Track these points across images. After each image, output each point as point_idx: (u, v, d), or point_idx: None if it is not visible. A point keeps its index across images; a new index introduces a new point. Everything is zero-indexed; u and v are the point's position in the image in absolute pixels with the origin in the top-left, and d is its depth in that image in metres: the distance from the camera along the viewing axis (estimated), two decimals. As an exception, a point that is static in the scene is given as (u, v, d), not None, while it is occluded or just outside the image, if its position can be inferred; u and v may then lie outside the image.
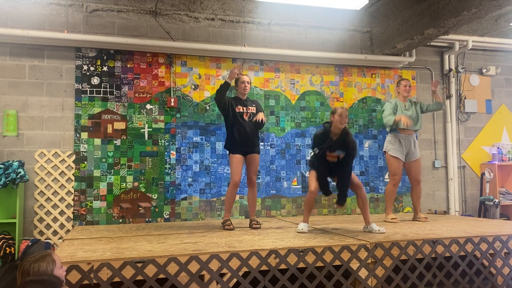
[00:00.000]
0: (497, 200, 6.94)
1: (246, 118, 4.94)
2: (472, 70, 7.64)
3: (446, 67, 7.43)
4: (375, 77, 7.10)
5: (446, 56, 7.42)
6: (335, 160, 4.50)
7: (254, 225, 4.91)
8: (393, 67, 7.15)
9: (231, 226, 4.84)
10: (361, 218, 5.80)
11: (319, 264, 3.59)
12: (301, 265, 3.55)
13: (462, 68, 7.52)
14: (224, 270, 3.35)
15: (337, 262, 3.64)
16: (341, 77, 6.93)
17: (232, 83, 5.00)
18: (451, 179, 7.25)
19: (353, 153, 4.50)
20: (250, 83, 5.09)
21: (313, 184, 4.61)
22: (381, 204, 6.88)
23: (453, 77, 7.42)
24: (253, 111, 5.00)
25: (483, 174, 7.25)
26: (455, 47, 7.25)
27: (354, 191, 4.68)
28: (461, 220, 5.64)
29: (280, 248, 3.54)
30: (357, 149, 4.69)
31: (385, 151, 5.64)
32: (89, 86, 5.87)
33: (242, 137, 4.91)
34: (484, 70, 7.62)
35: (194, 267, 3.28)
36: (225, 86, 4.86)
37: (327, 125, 4.50)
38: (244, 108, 4.97)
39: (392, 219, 5.46)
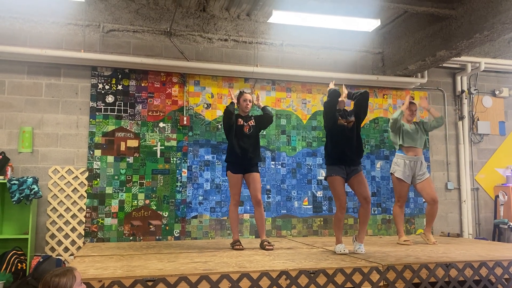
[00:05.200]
0: (511, 224, 6.81)
1: (246, 131, 4.95)
2: (485, 91, 7.61)
3: (459, 89, 7.41)
4: (386, 98, 7.11)
5: (459, 78, 7.42)
6: (351, 125, 4.60)
7: (266, 247, 4.77)
8: (405, 88, 7.16)
9: (241, 247, 4.80)
10: (374, 240, 5.73)
11: (331, 286, 3.55)
12: (312, 287, 3.51)
13: (475, 89, 7.50)
14: (235, 291, 3.32)
15: (349, 285, 3.59)
16: (352, 97, 6.94)
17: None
18: (464, 201, 7.16)
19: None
20: (252, 101, 5.11)
21: (340, 198, 4.56)
22: (392, 225, 6.80)
23: (466, 98, 7.40)
24: (253, 123, 5.03)
25: (497, 196, 7.15)
26: (467, 68, 7.25)
27: (362, 203, 4.60)
28: (475, 244, 5.54)
29: (291, 269, 3.51)
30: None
31: (391, 173, 5.62)
32: (103, 104, 5.97)
33: (242, 150, 4.89)
34: (497, 92, 7.59)
35: (204, 286, 3.26)
36: (231, 106, 4.95)
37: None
38: (244, 122, 5.00)
39: (404, 241, 5.38)
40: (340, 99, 4.68)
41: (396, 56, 6.79)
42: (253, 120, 5.06)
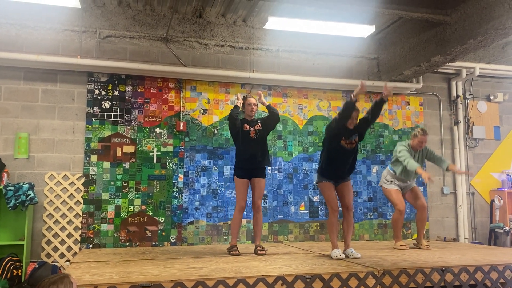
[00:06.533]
0: (507, 228, 6.84)
1: (252, 135, 4.91)
2: (480, 96, 7.66)
3: (454, 94, 7.46)
4: (382, 103, 7.13)
5: (454, 83, 7.47)
6: (353, 146, 4.59)
7: (259, 251, 4.82)
8: (401, 93, 7.20)
9: (237, 252, 4.80)
10: (370, 245, 5.74)
11: (327, 291, 3.55)
12: (308, 292, 3.51)
13: (470, 94, 7.54)
14: (231, 296, 3.32)
15: (345, 290, 3.60)
16: (348, 102, 6.97)
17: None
18: (460, 205, 7.19)
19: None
20: (257, 105, 5.09)
21: (331, 202, 4.62)
22: (389, 230, 6.81)
23: (461, 103, 7.45)
24: (259, 127, 4.99)
25: (492, 201, 7.18)
26: (462, 74, 7.30)
27: (344, 212, 4.69)
28: (471, 248, 5.56)
29: (287, 274, 3.51)
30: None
31: (380, 185, 5.66)
32: (100, 110, 5.97)
33: (248, 154, 4.89)
34: (491, 97, 7.64)
35: (200, 292, 3.26)
36: (234, 110, 4.93)
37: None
38: (252, 128, 4.95)
39: (401, 246, 5.40)
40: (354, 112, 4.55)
41: (391, 61, 6.83)
42: (259, 123, 5.01)
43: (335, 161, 4.60)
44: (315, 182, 4.96)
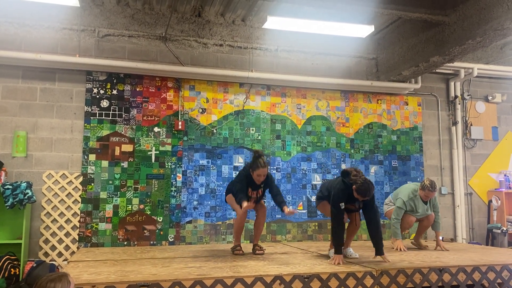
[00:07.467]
0: (504, 228, 6.86)
1: (252, 201, 4.82)
2: (478, 97, 7.68)
3: (452, 94, 7.47)
4: (381, 103, 7.15)
5: (452, 83, 7.48)
6: (356, 207, 4.46)
7: (257, 251, 4.86)
8: (399, 93, 7.21)
9: (241, 252, 4.84)
10: (368, 245, 5.75)
11: (324, 291, 3.56)
12: (306, 291, 3.52)
13: (468, 95, 7.56)
14: (229, 296, 3.33)
15: (343, 289, 3.60)
16: (347, 102, 6.99)
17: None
18: (458, 206, 7.20)
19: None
20: (266, 176, 4.82)
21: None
22: (387, 230, 6.82)
23: (459, 103, 7.46)
24: (260, 193, 4.92)
25: (490, 201, 7.19)
26: (460, 74, 7.31)
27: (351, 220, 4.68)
28: (469, 248, 5.57)
29: (285, 274, 3.52)
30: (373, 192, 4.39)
31: (384, 212, 5.73)
32: (98, 109, 5.97)
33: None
34: (490, 97, 7.66)
35: (198, 292, 3.26)
36: (243, 198, 4.69)
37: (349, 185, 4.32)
38: (254, 193, 4.86)
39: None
40: None
41: (390, 61, 6.84)
42: (261, 189, 4.92)
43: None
44: (316, 204, 5.05)
